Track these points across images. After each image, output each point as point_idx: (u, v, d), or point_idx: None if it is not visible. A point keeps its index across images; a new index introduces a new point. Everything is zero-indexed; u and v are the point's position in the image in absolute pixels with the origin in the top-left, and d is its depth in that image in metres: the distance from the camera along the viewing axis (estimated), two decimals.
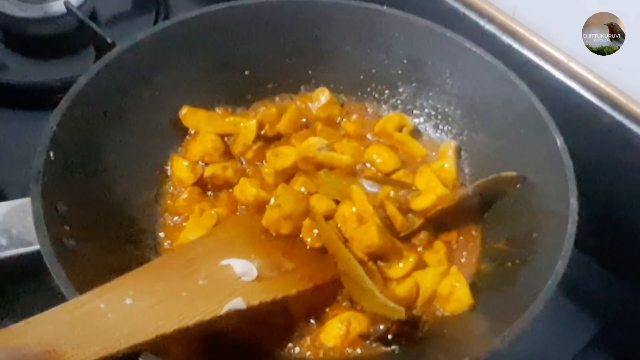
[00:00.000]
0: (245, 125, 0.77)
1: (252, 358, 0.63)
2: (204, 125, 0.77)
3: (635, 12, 0.69)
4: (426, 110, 0.82)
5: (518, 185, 0.70)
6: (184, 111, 0.77)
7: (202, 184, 0.74)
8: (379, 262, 0.68)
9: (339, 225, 0.70)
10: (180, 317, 0.55)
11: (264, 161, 0.76)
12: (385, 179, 0.75)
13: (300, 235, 0.69)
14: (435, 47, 0.78)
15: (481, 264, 0.71)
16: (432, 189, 0.72)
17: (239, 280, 0.62)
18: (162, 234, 0.71)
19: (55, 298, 0.53)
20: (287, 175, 0.74)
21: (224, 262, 0.63)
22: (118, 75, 0.71)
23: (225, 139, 0.77)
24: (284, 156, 0.74)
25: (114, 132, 0.71)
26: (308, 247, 0.69)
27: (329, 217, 0.70)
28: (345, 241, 0.68)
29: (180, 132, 0.78)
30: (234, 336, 0.62)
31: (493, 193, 0.72)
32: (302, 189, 0.72)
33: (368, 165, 0.77)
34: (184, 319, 0.55)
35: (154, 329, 0.53)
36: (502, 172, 0.71)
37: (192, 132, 0.78)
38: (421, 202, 0.71)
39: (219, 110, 0.80)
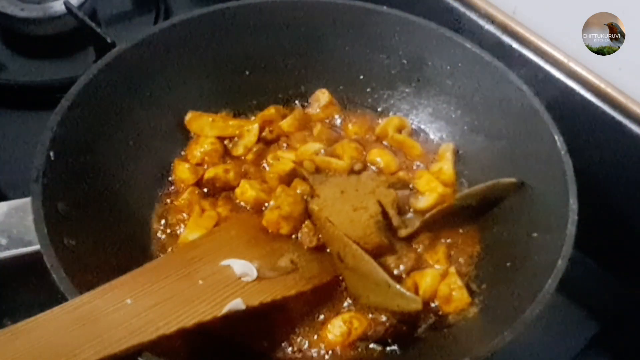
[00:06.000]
0: (247, 128, 0.77)
1: (251, 358, 0.63)
2: (208, 129, 0.77)
3: (635, 12, 0.69)
4: (426, 111, 0.82)
5: (516, 191, 0.70)
6: (189, 116, 0.77)
7: (202, 185, 0.74)
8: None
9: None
10: (180, 318, 0.55)
11: (264, 163, 0.76)
12: (387, 176, 0.75)
13: (300, 236, 0.69)
14: (435, 47, 0.78)
15: (481, 264, 0.71)
16: (433, 189, 0.72)
17: (239, 280, 0.62)
18: (162, 234, 0.71)
19: (55, 298, 0.53)
20: (288, 178, 0.73)
21: (224, 262, 0.63)
22: (118, 75, 0.71)
23: (226, 140, 0.78)
24: (285, 160, 0.74)
25: (114, 133, 0.71)
26: (307, 247, 0.69)
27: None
28: None
29: (182, 134, 0.78)
30: (233, 336, 0.62)
31: (492, 197, 0.72)
32: (299, 191, 0.72)
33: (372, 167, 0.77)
34: (184, 319, 0.55)
35: (154, 330, 0.53)
36: (501, 174, 0.71)
37: (194, 135, 0.78)
38: (423, 202, 0.71)
39: (220, 113, 0.80)
